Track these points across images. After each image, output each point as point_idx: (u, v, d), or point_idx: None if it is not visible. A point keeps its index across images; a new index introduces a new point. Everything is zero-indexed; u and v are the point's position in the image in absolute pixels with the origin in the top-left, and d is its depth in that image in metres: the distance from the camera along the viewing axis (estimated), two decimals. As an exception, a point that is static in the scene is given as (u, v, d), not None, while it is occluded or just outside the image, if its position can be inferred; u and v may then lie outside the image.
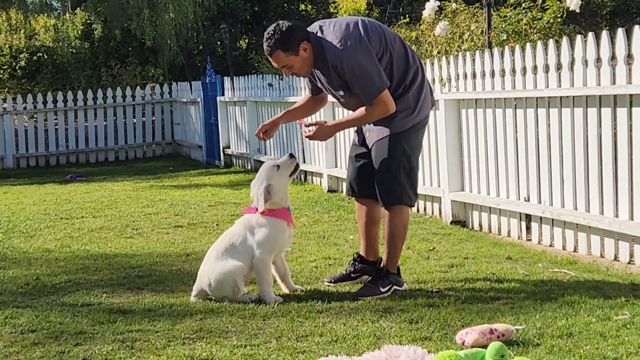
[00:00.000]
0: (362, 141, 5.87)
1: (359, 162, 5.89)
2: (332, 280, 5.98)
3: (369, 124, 5.73)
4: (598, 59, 6.51)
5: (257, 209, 5.60)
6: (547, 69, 7.10)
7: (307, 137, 5.79)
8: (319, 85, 5.83)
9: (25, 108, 18.11)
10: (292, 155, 5.71)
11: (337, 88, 5.68)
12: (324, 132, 5.75)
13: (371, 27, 5.60)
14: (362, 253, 6.06)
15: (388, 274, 5.70)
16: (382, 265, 5.81)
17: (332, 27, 5.59)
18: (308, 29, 5.68)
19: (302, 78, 12.15)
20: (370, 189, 5.86)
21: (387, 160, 5.67)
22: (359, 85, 5.50)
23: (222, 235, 5.74)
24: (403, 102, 5.66)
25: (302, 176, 12.46)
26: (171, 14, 21.01)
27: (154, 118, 18.86)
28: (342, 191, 10.90)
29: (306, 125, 5.78)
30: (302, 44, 5.51)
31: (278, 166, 5.63)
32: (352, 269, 6.02)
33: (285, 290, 5.73)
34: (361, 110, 5.62)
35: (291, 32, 5.50)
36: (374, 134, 5.72)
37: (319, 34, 5.59)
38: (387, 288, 5.63)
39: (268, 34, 5.54)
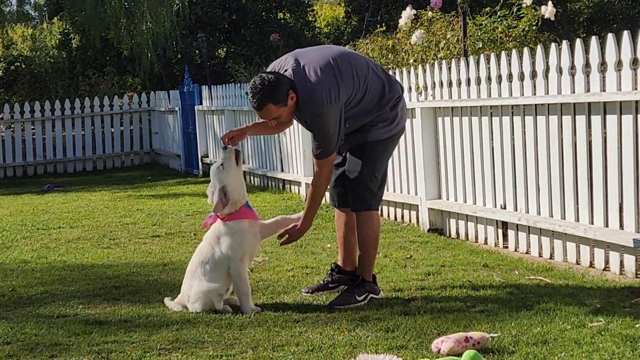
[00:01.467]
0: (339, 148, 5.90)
1: (338, 170, 5.93)
2: (310, 291, 5.99)
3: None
4: (572, 67, 6.55)
5: (217, 216, 5.59)
6: (522, 77, 7.14)
7: (282, 244, 5.93)
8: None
9: (2, 118, 18.03)
10: (225, 148, 5.68)
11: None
12: (297, 235, 5.89)
13: (344, 70, 5.55)
14: (339, 263, 6.07)
15: (364, 282, 5.71)
16: (357, 273, 5.82)
17: (311, 62, 5.56)
18: (282, 61, 5.64)
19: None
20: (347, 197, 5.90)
21: (361, 166, 5.72)
22: (315, 135, 5.56)
23: (196, 250, 5.73)
24: (383, 115, 5.72)
25: (281, 185, 12.46)
26: (148, 23, 20.95)
27: (132, 127, 18.81)
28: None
29: (279, 237, 5.93)
30: (290, 94, 5.47)
31: (222, 164, 5.60)
32: (330, 279, 6.03)
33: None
34: (311, 189, 5.75)
35: (279, 84, 5.42)
36: (350, 138, 5.76)
37: (296, 67, 5.55)
38: (363, 296, 5.64)
39: (255, 88, 5.43)
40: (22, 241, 8.91)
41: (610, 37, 6.17)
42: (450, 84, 8.14)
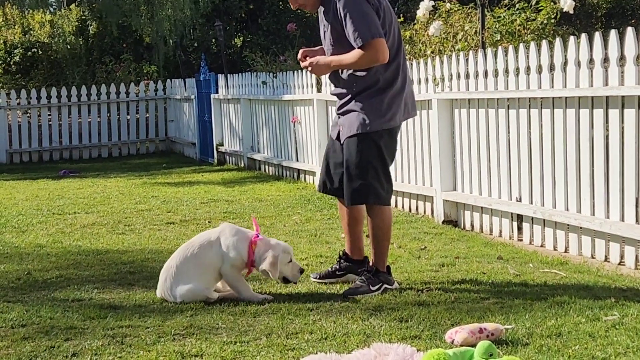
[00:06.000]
0: (337, 135, 5.88)
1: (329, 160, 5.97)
2: (318, 277, 6.01)
3: (342, 115, 5.75)
4: (591, 61, 6.53)
5: (258, 235, 5.61)
6: (539, 69, 7.11)
7: (305, 67, 5.82)
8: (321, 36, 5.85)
9: (19, 103, 18.10)
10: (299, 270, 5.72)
11: (330, 39, 5.68)
12: (319, 68, 5.78)
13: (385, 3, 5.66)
14: (347, 251, 6.08)
15: (378, 272, 5.71)
16: (371, 264, 5.82)
17: None
18: None
19: (295, 77, 12.17)
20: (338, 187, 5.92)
21: (354, 159, 5.66)
22: (352, 25, 5.48)
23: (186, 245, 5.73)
24: (374, 105, 5.63)
25: (296, 174, 12.46)
26: (169, 10, 20.96)
27: (147, 115, 18.85)
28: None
29: (302, 59, 5.83)
30: None
31: (290, 259, 5.62)
32: (338, 267, 6.03)
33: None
34: (352, 53, 5.56)
35: None
36: (345, 129, 5.72)
37: None
38: (377, 286, 5.63)
39: None
40: (37, 225, 8.95)
41: (629, 31, 6.14)
42: (467, 76, 8.12)
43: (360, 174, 5.65)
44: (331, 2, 5.60)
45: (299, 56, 5.91)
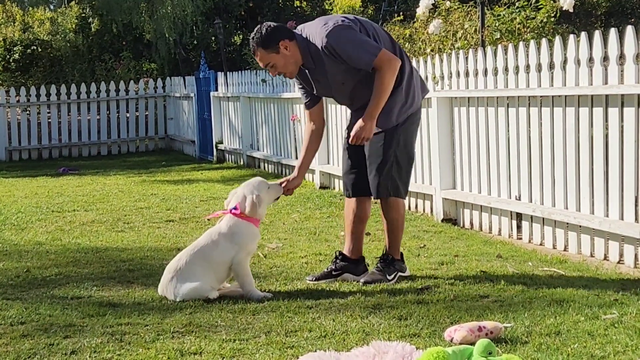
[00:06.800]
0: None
1: (352, 159, 6.03)
2: (314, 279, 5.99)
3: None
4: (590, 59, 6.53)
5: (231, 211, 5.62)
6: (539, 68, 7.11)
7: (354, 143, 5.79)
8: (315, 90, 5.92)
9: (18, 101, 18.10)
10: (280, 185, 5.89)
11: (337, 77, 5.75)
12: (369, 129, 5.72)
13: (356, 17, 5.83)
14: (345, 251, 6.08)
15: (394, 261, 5.94)
16: (386, 253, 5.98)
17: (315, 21, 5.83)
18: (295, 30, 5.85)
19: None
20: (361, 186, 5.95)
21: (381, 154, 5.81)
22: (354, 54, 5.60)
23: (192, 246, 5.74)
24: (396, 96, 5.76)
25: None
26: (169, 8, 20.94)
27: (147, 112, 18.85)
28: (334, 187, 10.91)
29: (347, 136, 5.90)
30: (283, 42, 5.69)
31: (269, 186, 5.75)
32: (334, 267, 6.04)
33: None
34: (376, 83, 5.64)
35: (272, 31, 5.72)
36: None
37: (306, 34, 5.76)
38: (393, 275, 5.87)
39: (252, 33, 5.80)
40: (36, 223, 8.95)
41: (629, 30, 6.14)
42: (467, 74, 8.12)
43: (387, 169, 5.83)
44: (311, 54, 5.71)
45: (284, 188, 5.94)
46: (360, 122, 5.69)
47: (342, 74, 5.73)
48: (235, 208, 5.63)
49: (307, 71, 5.83)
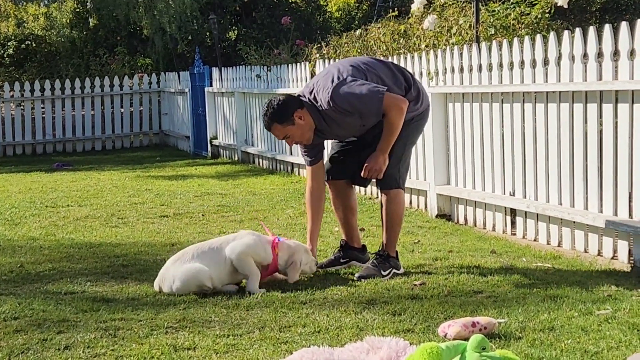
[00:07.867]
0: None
1: (348, 146, 6.15)
2: (322, 265, 6.14)
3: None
4: (585, 55, 6.53)
5: (275, 238, 5.78)
6: (534, 64, 7.11)
7: (369, 177, 5.89)
8: (329, 135, 6.01)
9: (12, 96, 18.07)
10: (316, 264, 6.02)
11: (356, 123, 5.82)
12: (381, 162, 5.82)
13: (356, 63, 5.90)
14: (345, 239, 6.27)
15: (389, 257, 5.95)
16: (382, 249, 6.00)
17: (318, 82, 5.85)
18: (300, 93, 5.92)
19: (289, 71, 12.16)
20: (344, 171, 6.12)
21: (392, 147, 5.87)
22: (363, 108, 5.69)
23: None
24: (406, 96, 5.89)
25: (289, 167, 12.46)
26: (169, 2, 20.90)
27: (141, 108, 18.83)
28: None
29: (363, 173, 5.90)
30: (296, 113, 5.75)
31: (311, 260, 5.91)
32: (341, 254, 6.20)
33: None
34: (386, 124, 5.76)
35: (284, 105, 5.77)
36: (379, 124, 5.88)
37: (312, 97, 5.81)
38: (387, 271, 5.88)
39: (264, 110, 5.84)
40: (30, 218, 8.94)
41: (623, 26, 6.14)
42: (461, 70, 8.12)
43: (393, 162, 5.89)
44: (322, 116, 5.78)
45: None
46: (374, 157, 5.79)
47: (360, 119, 5.80)
48: (279, 239, 5.78)
49: (325, 133, 5.93)
